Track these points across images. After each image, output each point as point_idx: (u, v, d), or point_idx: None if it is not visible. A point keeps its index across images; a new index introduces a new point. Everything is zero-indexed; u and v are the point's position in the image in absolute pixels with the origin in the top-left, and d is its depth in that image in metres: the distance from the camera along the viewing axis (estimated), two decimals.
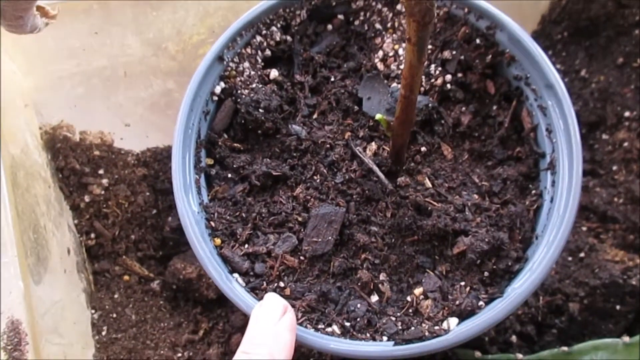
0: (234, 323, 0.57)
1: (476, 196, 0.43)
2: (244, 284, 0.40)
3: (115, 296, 0.60)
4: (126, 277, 0.62)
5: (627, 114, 0.65)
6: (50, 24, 0.30)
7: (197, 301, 0.60)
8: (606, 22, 0.67)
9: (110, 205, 0.61)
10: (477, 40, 0.44)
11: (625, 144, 0.64)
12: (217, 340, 0.57)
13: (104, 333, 0.57)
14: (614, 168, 0.65)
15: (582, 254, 0.60)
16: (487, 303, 0.39)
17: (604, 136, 0.66)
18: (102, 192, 0.61)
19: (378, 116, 0.38)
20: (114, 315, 0.59)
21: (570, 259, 0.60)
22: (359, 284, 0.40)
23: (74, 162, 0.59)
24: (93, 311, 0.58)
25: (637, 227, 0.61)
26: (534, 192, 0.42)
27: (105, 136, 0.61)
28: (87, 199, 0.60)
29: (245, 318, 0.56)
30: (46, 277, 0.49)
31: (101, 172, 0.61)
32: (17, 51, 0.52)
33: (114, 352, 0.56)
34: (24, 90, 0.55)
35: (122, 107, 0.60)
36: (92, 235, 0.61)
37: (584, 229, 0.63)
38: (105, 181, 0.61)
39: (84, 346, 0.54)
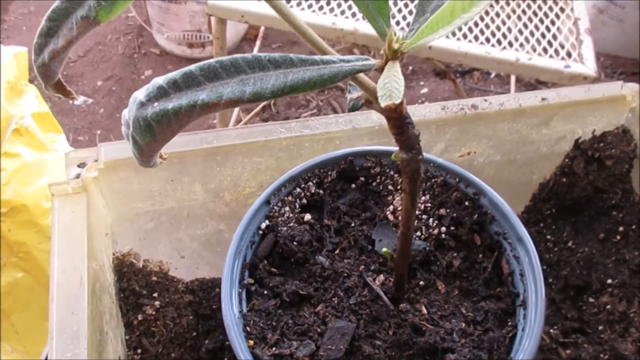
0: None
1: (463, 324, 0.52)
2: None
3: None
4: None
5: (609, 281, 0.75)
6: (161, 164, 0.44)
7: None
8: (587, 203, 0.79)
9: (159, 325, 0.71)
10: (466, 203, 0.58)
11: (608, 307, 0.73)
12: None
13: None
14: (600, 328, 0.73)
15: None
16: None
17: (590, 299, 0.76)
18: (153, 313, 0.71)
19: (384, 250, 0.50)
20: None
21: None
22: None
23: (134, 284, 0.71)
24: None
25: None
26: (510, 323, 0.52)
27: (163, 265, 0.73)
28: (140, 317, 0.71)
29: None
30: None
31: (155, 295, 0.72)
32: (109, 190, 0.67)
33: None
34: (107, 221, 0.69)
35: (180, 242, 0.73)
36: (139, 351, 0.71)
37: None
38: (157, 303, 0.72)
39: None
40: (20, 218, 0.86)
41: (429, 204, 0.58)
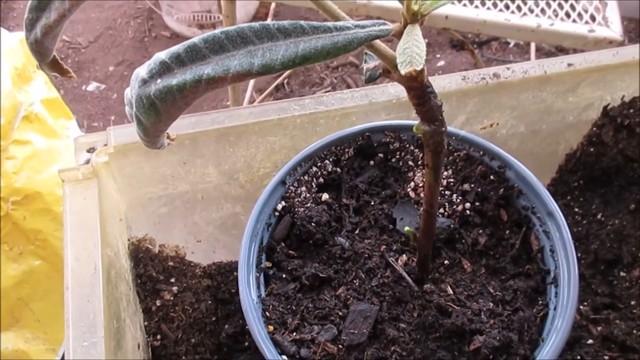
0: None
1: (491, 304, 0.50)
2: None
3: None
4: None
5: None
6: (170, 145, 0.42)
7: None
8: (617, 173, 0.76)
9: (177, 310, 0.70)
10: (491, 177, 0.55)
11: None
12: None
13: None
14: (632, 303, 0.70)
15: None
16: None
17: (622, 273, 0.73)
18: (172, 298, 0.70)
19: (407, 228, 0.48)
20: None
21: None
22: None
23: (151, 270, 0.70)
24: None
25: None
26: (541, 302, 0.50)
27: (180, 250, 0.71)
28: (158, 303, 0.70)
29: None
30: None
31: (172, 280, 0.71)
32: (120, 175, 0.65)
33: None
34: (120, 207, 0.67)
35: (196, 226, 0.71)
36: (158, 337, 0.70)
37: (606, 357, 0.67)
38: (175, 288, 0.70)
39: None
40: (35, 206, 0.85)
41: (452, 179, 0.55)
